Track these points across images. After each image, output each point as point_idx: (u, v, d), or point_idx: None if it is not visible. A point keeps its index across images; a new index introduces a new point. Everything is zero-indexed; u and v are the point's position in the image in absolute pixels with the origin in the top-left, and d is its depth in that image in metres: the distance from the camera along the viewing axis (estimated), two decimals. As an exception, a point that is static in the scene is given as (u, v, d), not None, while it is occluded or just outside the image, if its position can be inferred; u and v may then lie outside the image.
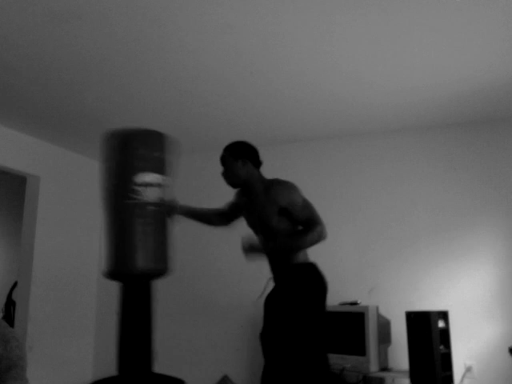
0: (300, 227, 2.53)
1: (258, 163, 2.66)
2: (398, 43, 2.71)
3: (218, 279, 4.23)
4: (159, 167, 2.31)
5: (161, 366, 2.48)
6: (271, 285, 2.61)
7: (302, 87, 3.25)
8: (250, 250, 2.52)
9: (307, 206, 2.54)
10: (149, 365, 2.23)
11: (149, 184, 2.19)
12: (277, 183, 2.58)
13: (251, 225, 2.72)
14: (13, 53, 2.80)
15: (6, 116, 3.70)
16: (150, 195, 2.20)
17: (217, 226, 2.95)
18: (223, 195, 3.88)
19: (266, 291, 2.60)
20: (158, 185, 2.26)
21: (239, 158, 2.60)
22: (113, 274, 2.26)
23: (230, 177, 2.64)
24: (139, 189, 2.17)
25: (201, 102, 3.49)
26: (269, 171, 2.90)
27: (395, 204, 3.86)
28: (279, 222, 2.52)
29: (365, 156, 4.04)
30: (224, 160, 2.66)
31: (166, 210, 2.52)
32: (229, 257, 4.19)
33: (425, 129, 3.88)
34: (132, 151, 2.26)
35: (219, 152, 4.42)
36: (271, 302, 2.53)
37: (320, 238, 2.48)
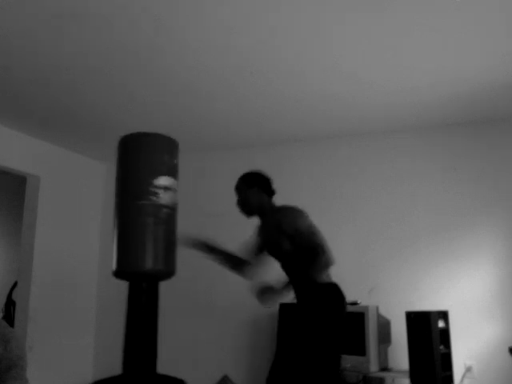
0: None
1: (270, 192, 2.74)
2: (398, 43, 2.71)
3: (218, 279, 4.23)
4: (173, 171, 2.39)
5: (161, 366, 2.48)
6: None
7: (302, 87, 3.25)
8: (262, 294, 2.52)
9: (313, 232, 2.53)
10: (154, 364, 2.28)
11: (166, 187, 2.27)
12: (283, 208, 2.64)
13: (269, 252, 2.74)
14: (13, 53, 2.80)
15: (5, 116, 3.70)
16: (166, 198, 2.28)
17: (245, 271, 2.78)
18: (223, 195, 3.88)
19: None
20: (172, 188, 2.34)
21: (253, 186, 2.69)
22: (124, 273, 2.29)
23: (243, 204, 2.72)
24: (158, 191, 2.25)
25: (201, 102, 3.49)
26: (269, 171, 2.91)
27: (395, 204, 3.86)
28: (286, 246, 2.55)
29: (365, 156, 4.04)
30: (238, 188, 2.74)
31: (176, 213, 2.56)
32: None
33: (425, 129, 3.88)
34: (153, 154, 2.34)
35: (219, 152, 4.46)
36: (293, 324, 2.58)
37: (326, 265, 2.49)
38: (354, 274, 3.84)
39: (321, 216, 3.98)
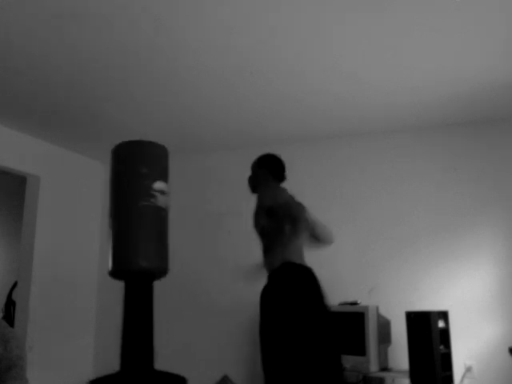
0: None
1: (279, 177, 2.93)
2: (398, 43, 2.71)
3: (218, 279, 4.23)
4: (166, 176, 2.52)
5: (161, 366, 2.48)
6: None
7: (302, 87, 3.25)
8: (251, 275, 2.88)
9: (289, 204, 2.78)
10: (151, 360, 2.32)
11: (161, 191, 2.39)
12: (269, 187, 2.88)
13: (256, 231, 2.87)
14: (13, 53, 2.80)
15: (5, 116, 3.70)
16: (162, 201, 2.39)
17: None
18: (222, 195, 3.89)
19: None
20: (166, 193, 2.45)
21: (262, 167, 2.92)
22: (120, 272, 2.35)
23: (250, 180, 2.96)
24: (155, 194, 2.37)
25: (201, 102, 3.49)
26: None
27: (395, 204, 3.86)
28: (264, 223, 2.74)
29: (365, 156, 4.04)
30: (253, 165, 2.98)
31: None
32: (229, 257, 4.19)
33: (425, 129, 3.88)
34: (152, 160, 2.48)
35: (219, 152, 4.46)
36: (261, 300, 2.66)
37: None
38: (353, 274, 3.84)
39: (321, 216, 4.01)
